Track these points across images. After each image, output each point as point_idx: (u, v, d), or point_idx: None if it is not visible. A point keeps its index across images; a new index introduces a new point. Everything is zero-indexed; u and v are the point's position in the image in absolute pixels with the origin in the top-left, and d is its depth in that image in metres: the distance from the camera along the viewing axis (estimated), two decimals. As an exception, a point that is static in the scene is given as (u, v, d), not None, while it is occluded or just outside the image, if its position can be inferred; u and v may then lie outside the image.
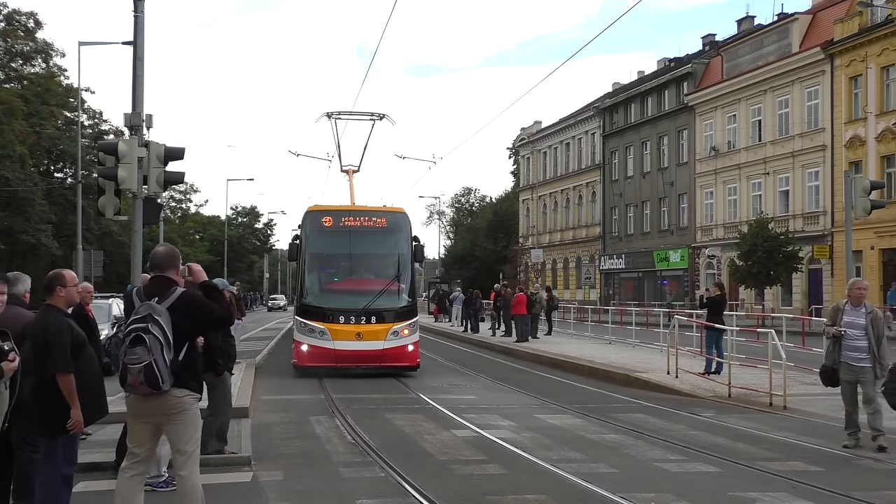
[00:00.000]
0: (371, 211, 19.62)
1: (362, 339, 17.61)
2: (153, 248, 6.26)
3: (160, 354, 5.47)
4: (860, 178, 14.39)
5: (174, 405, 5.68)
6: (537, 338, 27.65)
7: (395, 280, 18.52)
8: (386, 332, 17.76)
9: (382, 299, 18.05)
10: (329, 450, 10.06)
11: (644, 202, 55.13)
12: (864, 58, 37.92)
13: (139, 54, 13.03)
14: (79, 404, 6.09)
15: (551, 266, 66.21)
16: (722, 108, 47.56)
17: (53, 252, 42.79)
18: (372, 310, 17.83)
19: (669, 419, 12.24)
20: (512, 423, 12.00)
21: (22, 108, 40.96)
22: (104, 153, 12.54)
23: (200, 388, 5.97)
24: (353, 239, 18.67)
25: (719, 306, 17.70)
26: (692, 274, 49.47)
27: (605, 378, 17.80)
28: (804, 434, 10.85)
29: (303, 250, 18.62)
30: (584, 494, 7.83)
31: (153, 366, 5.46)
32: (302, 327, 18.04)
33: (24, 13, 45.69)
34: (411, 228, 19.29)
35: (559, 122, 67.28)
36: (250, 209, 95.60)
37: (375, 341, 17.65)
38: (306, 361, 17.82)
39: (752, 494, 7.69)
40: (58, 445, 6.21)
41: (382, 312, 17.94)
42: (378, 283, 18.55)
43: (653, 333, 25.38)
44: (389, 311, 18.07)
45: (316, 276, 18.89)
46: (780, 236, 37.82)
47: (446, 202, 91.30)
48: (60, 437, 6.19)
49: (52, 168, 50.59)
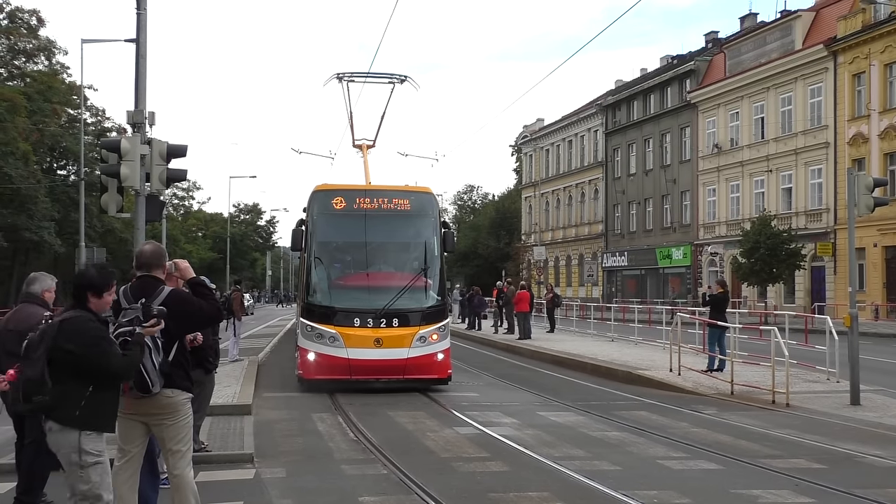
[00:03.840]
0: (391, 191, 16.26)
1: (382, 347, 14.56)
2: (139, 247, 6.14)
3: (148, 358, 5.38)
4: (863, 176, 14.31)
5: (165, 405, 5.64)
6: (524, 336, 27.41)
7: (422, 274, 15.32)
8: (411, 337, 14.72)
9: (406, 298, 14.96)
10: (331, 447, 10.07)
11: (647, 199, 55.11)
12: (867, 55, 37.85)
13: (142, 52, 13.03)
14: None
15: (554, 263, 66.19)
16: (725, 105, 47.51)
17: (56, 249, 42.86)
18: (393, 311, 14.77)
19: (672, 416, 12.24)
20: (514, 420, 12.00)
21: (25, 105, 41.02)
22: (107, 150, 12.54)
23: (191, 387, 5.91)
24: (369, 224, 15.56)
25: (722, 304, 17.68)
26: (695, 271, 49.44)
27: (608, 375, 17.79)
28: (807, 431, 10.83)
29: (309, 238, 15.43)
30: (586, 492, 7.83)
31: (142, 371, 5.37)
32: (308, 332, 14.90)
33: (26, 11, 45.85)
34: (440, 212, 16.42)
35: (562, 120, 67.26)
36: (253, 206, 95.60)
37: (398, 349, 14.62)
38: (314, 374, 14.82)
39: (755, 492, 7.68)
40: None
41: (406, 314, 14.89)
42: (400, 277, 15.43)
43: (655, 331, 25.36)
44: (415, 313, 15.00)
45: (325, 269, 15.57)
46: (782, 234, 37.78)
47: (449, 199, 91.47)
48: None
49: (55, 165, 50.67)
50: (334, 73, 19.05)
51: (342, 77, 18.66)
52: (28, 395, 4.86)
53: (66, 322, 5.00)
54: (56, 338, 4.91)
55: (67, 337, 4.92)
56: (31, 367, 4.89)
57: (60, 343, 4.91)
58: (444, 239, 15.66)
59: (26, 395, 4.85)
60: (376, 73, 19.18)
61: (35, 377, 4.86)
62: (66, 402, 4.94)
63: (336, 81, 18.76)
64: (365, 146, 19.78)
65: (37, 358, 4.88)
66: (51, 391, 4.89)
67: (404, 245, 16.06)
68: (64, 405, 4.93)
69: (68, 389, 4.93)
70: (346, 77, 18.69)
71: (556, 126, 67.76)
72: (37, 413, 4.96)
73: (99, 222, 44.13)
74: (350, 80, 18.79)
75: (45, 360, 4.89)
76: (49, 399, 4.87)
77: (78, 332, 4.96)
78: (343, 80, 18.68)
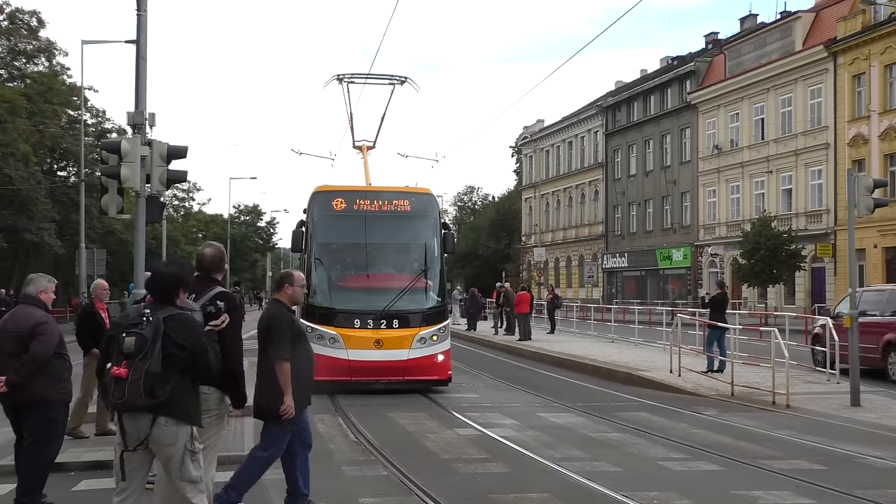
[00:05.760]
0: (392, 192, 16.38)
1: (382, 348, 14.62)
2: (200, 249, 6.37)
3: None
4: (863, 177, 14.32)
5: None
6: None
7: (422, 275, 15.40)
8: (411, 338, 14.77)
9: (406, 299, 15.06)
10: (332, 448, 10.07)
11: (647, 200, 55.11)
12: (867, 56, 37.86)
13: (142, 53, 13.02)
14: (291, 392, 6.51)
15: (554, 265, 66.19)
16: (725, 106, 47.52)
17: (56, 251, 42.86)
18: (394, 312, 14.85)
19: (672, 418, 12.24)
20: (515, 421, 12.00)
21: (25, 106, 41.00)
22: (107, 152, 12.53)
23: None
24: (369, 226, 15.62)
25: (722, 305, 17.69)
26: (695, 272, 49.44)
27: (608, 377, 17.79)
28: (807, 433, 10.84)
29: (309, 239, 15.52)
30: (586, 493, 7.83)
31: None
32: (308, 333, 15.49)
33: (26, 12, 45.78)
34: (440, 213, 16.51)
35: (562, 121, 67.27)
36: (253, 208, 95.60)
37: (398, 350, 14.69)
38: (314, 375, 15.78)
39: (756, 493, 7.69)
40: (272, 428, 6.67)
41: (407, 315, 14.98)
42: (401, 278, 15.51)
43: (656, 332, 25.36)
44: (415, 314, 15.08)
45: (325, 270, 15.65)
46: (782, 235, 37.79)
47: (449, 201, 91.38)
48: (274, 421, 6.63)
49: (56, 166, 50.67)
50: (334, 74, 19.14)
51: (342, 78, 18.69)
52: (150, 389, 4.93)
53: (171, 319, 5.12)
54: (167, 333, 5.03)
55: (178, 333, 5.07)
56: (153, 363, 4.96)
57: (173, 339, 5.03)
58: (444, 240, 15.73)
59: (148, 389, 4.92)
60: (376, 75, 19.22)
61: (157, 371, 4.96)
62: (179, 396, 5.06)
63: (336, 83, 18.79)
64: (365, 147, 19.78)
65: (156, 353, 4.97)
66: (170, 386, 5.01)
67: (404, 246, 16.10)
68: (177, 400, 5.05)
69: (178, 385, 5.06)
70: (347, 78, 18.72)
71: (557, 127, 67.78)
72: (157, 409, 5.01)
73: (99, 223, 44.10)
74: (350, 82, 18.82)
75: (161, 356, 5.00)
76: (168, 393, 4.99)
77: (187, 328, 5.15)
78: (343, 81, 18.71)
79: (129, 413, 5.04)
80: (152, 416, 5.01)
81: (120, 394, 4.95)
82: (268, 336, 6.71)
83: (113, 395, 4.99)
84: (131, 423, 5.06)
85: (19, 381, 6.72)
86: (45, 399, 6.84)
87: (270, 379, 6.64)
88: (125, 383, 4.94)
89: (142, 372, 4.94)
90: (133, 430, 5.06)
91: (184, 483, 5.17)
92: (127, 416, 5.06)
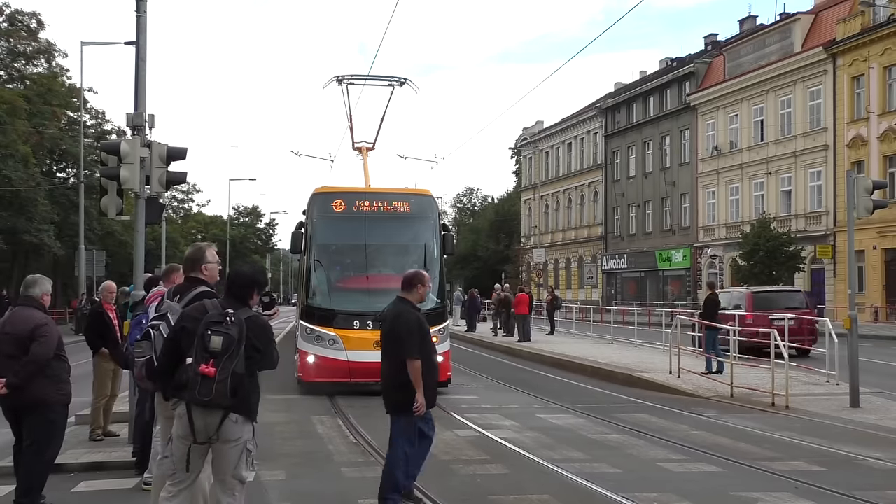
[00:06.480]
0: (391, 193, 16.38)
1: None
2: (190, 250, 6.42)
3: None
4: (862, 178, 14.33)
5: None
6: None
7: None
8: None
9: None
10: (331, 450, 10.07)
11: (646, 202, 55.13)
12: (866, 57, 37.89)
13: (141, 54, 13.01)
14: (423, 389, 6.70)
15: (553, 266, 66.20)
16: (724, 107, 47.54)
17: (56, 252, 42.86)
18: None
19: (672, 419, 12.24)
20: (514, 422, 12.00)
21: (25, 107, 41.03)
22: (106, 153, 12.51)
23: None
24: (369, 227, 15.64)
25: (713, 306, 17.72)
26: (694, 274, 49.45)
27: (608, 378, 17.79)
28: (806, 434, 10.84)
29: (309, 241, 15.54)
30: (586, 494, 7.83)
31: (153, 360, 5.66)
32: (308, 334, 15.06)
33: (26, 13, 45.84)
34: (439, 214, 16.49)
35: (561, 122, 67.29)
36: (252, 209, 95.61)
37: None
38: (313, 376, 14.95)
39: (755, 494, 7.68)
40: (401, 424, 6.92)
41: None
42: (400, 280, 15.92)
43: (655, 333, 25.36)
44: None
45: (324, 271, 15.74)
46: (782, 236, 37.79)
47: (448, 202, 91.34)
48: (404, 416, 6.86)
49: (55, 168, 50.68)
50: (334, 75, 19.03)
51: (342, 80, 18.66)
52: (235, 390, 5.03)
53: (251, 320, 5.23)
54: (248, 335, 5.14)
55: (256, 334, 5.22)
56: (238, 363, 5.07)
57: (252, 341, 5.16)
58: (443, 241, 15.71)
59: (234, 389, 5.02)
60: (376, 76, 19.23)
61: (241, 372, 5.09)
62: (248, 394, 5.18)
63: (336, 84, 18.78)
64: (364, 149, 19.76)
65: (241, 354, 5.09)
66: (248, 385, 5.16)
67: (404, 247, 16.07)
68: (247, 398, 5.18)
69: (250, 384, 5.20)
70: (346, 80, 18.70)
71: (556, 128, 67.80)
72: (238, 408, 5.11)
73: (98, 225, 44.13)
74: (350, 83, 18.81)
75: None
76: (246, 393, 5.13)
77: (264, 331, 5.32)
78: (343, 82, 18.70)
79: (201, 408, 5.08)
80: (223, 412, 5.09)
81: (207, 392, 5.00)
82: (396, 335, 6.91)
83: (199, 393, 5.02)
84: (201, 418, 5.10)
85: (19, 383, 6.72)
86: (44, 400, 6.84)
87: (401, 375, 6.85)
88: (213, 382, 5.00)
89: (228, 372, 5.03)
90: (202, 424, 5.10)
91: (234, 481, 5.27)
92: (197, 410, 5.10)
